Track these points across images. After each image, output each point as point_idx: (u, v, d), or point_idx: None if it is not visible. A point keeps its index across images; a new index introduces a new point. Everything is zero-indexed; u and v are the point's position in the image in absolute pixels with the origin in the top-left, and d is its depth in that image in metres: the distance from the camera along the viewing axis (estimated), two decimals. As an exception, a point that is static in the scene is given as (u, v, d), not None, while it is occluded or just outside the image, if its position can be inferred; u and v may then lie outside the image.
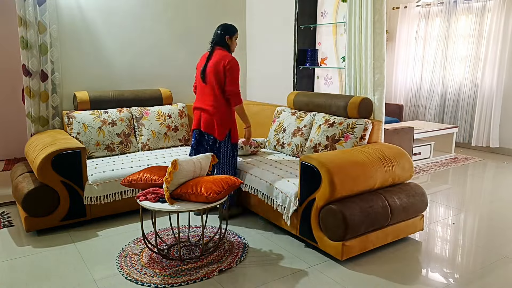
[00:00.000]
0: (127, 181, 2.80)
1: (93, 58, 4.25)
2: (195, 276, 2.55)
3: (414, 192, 3.01)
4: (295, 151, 3.70)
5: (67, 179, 3.17)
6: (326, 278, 2.56)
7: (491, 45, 5.84)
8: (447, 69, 6.48)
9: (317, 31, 4.78)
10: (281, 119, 3.99)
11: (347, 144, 3.26)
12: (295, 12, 4.60)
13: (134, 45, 4.48)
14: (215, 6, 4.97)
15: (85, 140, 3.80)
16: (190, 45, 4.84)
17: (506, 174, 4.99)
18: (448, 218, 3.61)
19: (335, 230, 2.65)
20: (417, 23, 6.82)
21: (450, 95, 6.47)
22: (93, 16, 4.19)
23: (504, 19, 5.66)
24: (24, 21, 3.68)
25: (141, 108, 4.23)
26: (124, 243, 3.01)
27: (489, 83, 5.89)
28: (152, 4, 4.53)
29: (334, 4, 4.52)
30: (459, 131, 6.29)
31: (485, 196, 4.27)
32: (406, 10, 6.88)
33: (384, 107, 3.42)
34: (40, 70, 3.83)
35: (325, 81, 4.78)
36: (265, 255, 2.86)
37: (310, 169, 2.77)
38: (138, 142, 4.11)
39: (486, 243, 3.11)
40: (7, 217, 3.51)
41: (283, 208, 3.03)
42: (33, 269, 2.67)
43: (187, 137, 4.40)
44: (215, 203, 2.58)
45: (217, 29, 3.38)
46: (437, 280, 2.58)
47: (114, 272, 2.62)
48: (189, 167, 2.61)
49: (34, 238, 3.12)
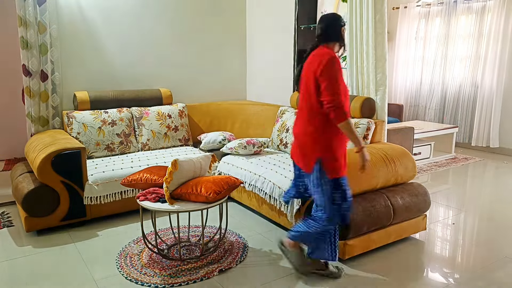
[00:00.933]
0: (127, 181, 2.80)
1: (93, 58, 4.25)
2: (195, 276, 2.55)
3: (417, 191, 3.02)
4: (297, 150, 3.70)
5: (67, 179, 3.17)
6: (327, 277, 2.56)
7: (491, 45, 5.84)
8: (447, 69, 6.48)
9: (317, 31, 4.77)
10: (285, 118, 4.00)
11: (350, 144, 3.25)
12: (295, 12, 4.60)
13: (134, 45, 4.47)
14: (215, 6, 4.97)
15: (85, 140, 3.80)
16: (190, 45, 4.84)
17: (506, 174, 4.99)
18: (448, 218, 3.61)
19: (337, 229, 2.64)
20: (417, 23, 6.82)
21: (450, 95, 6.47)
22: (93, 16, 4.19)
23: (504, 19, 5.66)
24: (24, 21, 3.68)
25: (141, 108, 4.23)
26: (124, 243, 3.01)
27: (489, 83, 5.89)
28: (152, 4, 4.53)
29: (334, 4, 4.52)
30: (459, 131, 6.29)
31: (485, 196, 4.27)
32: (406, 10, 6.88)
33: (386, 107, 3.43)
34: (40, 70, 3.83)
35: (325, 81, 4.77)
36: (265, 255, 2.86)
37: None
38: (138, 142, 4.11)
39: (486, 243, 3.11)
40: (7, 217, 3.51)
41: (286, 207, 3.03)
42: (33, 269, 2.67)
43: (187, 137, 4.40)
44: (215, 203, 2.58)
45: (321, 23, 2.48)
46: (437, 280, 2.58)
47: (114, 272, 2.62)
48: (189, 167, 2.61)
49: (34, 238, 3.12)
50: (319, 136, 2.36)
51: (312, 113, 2.38)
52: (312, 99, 2.36)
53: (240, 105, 4.83)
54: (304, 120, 2.43)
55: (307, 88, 2.39)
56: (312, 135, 2.37)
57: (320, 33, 2.46)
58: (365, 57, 3.47)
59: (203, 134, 4.38)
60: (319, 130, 2.35)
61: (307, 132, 2.39)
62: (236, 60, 5.27)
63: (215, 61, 5.08)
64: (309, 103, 2.38)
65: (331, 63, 2.28)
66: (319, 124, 2.35)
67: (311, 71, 2.35)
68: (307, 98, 2.40)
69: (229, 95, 5.23)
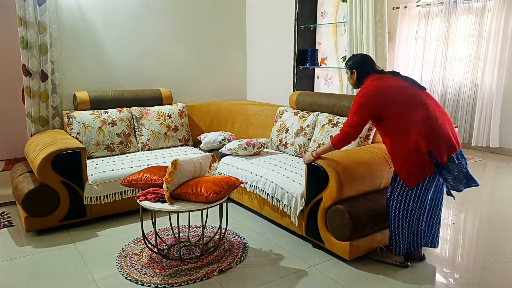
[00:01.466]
0: (127, 181, 2.80)
1: (93, 58, 4.25)
2: (195, 276, 2.55)
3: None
4: (298, 151, 3.70)
5: (67, 179, 3.17)
6: (329, 277, 2.56)
7: (491, 45, 5.83)
8: (447, 69, 6.48)
9: (317, 31, 4.78)
10: (284, 119, 3.99)
11: (352, 144, 3.26)
12: (295, 12, 4.61)
13: (134, 45, 4.48)
14: (215, 6, 4.97)
15: (85, 140, 3.80)
16: (190, 45, 4.84)
17: (506, 174, 4.99)
18: (448, 218, 3.61)
19: (342, 230, 2.65)
20: (417, 23, 6.81)
21: (450, 95, 6.47)
22: (93, 16, 4.19)
23: (504, 19, 5.66)
24: (24, 21, 3.68)
25: (141, 108, 4.23)
26: (124, 243, 3.01)
27: (489, 83, 5.89)
28: (152, 4, 4.53)
29: (334, 4, 4.52)
30: (459, 131, 6.29)
31: (485, 196, 4.27)
32: (406, 10, 6.87)
33: None
34: (40, 70, 3.83)
35: (325, 81, 4.78)
36: (265, 255, 2.86)
37: (317, 169, 2.77)
38: (138, 142, 4.11)
39: (486, 243, 3.11)
40: (7, 217, 3.51)
41: (289, 208, 3.03)
42: (33, 269, 2.67)
43: (187, 137, 4.40)
44: (215, 203, 2.58)
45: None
46: (437, 280, 2.58)
47: (114, 272, 2.62)
48: (189, 167, 2.61)
49: (34, 238, 3.12)
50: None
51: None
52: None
53: (240, 105, 4.83)
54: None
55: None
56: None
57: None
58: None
59: (203, 134, 4.38)
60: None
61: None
62: (236, 60, 5.27)
63: (215, 61, 5.08)
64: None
65: None
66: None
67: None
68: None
69: (229, 95, 5.23)
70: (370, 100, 2.52)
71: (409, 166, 2.47)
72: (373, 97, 2.52)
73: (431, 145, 2.42)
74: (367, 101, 2.52)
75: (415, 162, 2.45)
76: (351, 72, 2.70)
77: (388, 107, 2.49)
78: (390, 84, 2.54)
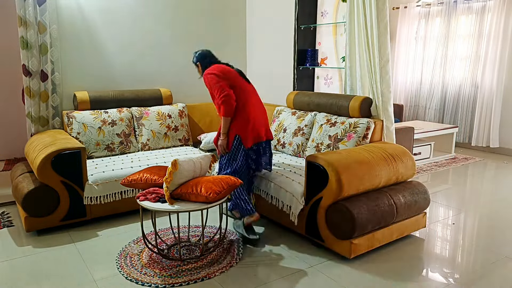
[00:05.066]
0: (127, 181, 2.80)
1: (93, 58, 4.25)
2: (195, 276, 2.55)
3: (417, 190, 3.05)
4: (296, 150, 3.70)
5: (67, 179, 3.17)
6: (329, 277, 2.56)
7: (491, 45, 5.84)
8: (447, 69, 6.48)
9: (317, 31, 4.78)
10: (281, 119, 3.99)
11: (350, 144, 3.26)
12: (295, 12, 4.60)
13: (134, 45, 4.48)
14: (215, 6, 4.97)
15: (85, 140, 3.80)
16: (190, 45, 4.83)
17: (506, 174, 4.99)
18: (448, 218, 3.61)
19: (343, 228, 2.66)
20: (417, 23, 6.82)
21: (450, 95, 6.47)
22: (93, 16, 4.19)
23: (504, 19, 5.66)
24: (24, 21, 3.67)
25: (141, 108, 4.23)
26: (124, 243, 3.01)
27: (489, 83, 5.89)
28: (152, 4, 4.53)
29: (334, 4, 4.52)
30: (459, 131, 6.29)
31: (485, 196, 4.27)
32: (406, 10, 6.88)
33: (392, 106, 3.43)
34: (40, 70, 3.83)
35: (325, 81, 4.78)
36: (265, 255, 2.86)
37: (317, 168, 2.78)
38: (138, 142, 4.11)
39: (486, 243, 3.11)
40: (7, 217, 3.51)
41: (289, 207, 3.03)
42: (33, 269, 2.67)
43: (187, 137, 4.40)
44: (215, 203, 2.58)
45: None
46: (437, 280, 2.58)
47: (114, 272, 2.62)
48: (189, 167, 2.61)
49: (34, 238, 3.12)
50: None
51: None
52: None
53: (240, 105, 4.82)
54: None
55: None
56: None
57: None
58: (367, 57, 3.47)
59: (203, 134, 4.38)
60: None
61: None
62: (236, 60, 5.26)
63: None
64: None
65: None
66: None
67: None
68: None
69: (229, 95, 5.22)
70: (218, 74, 3.02)
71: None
72: (218, 73, 3.03)
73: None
74: (218, 75, 3.01)
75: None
76: (195, 65, 3.28)
77: (230, 80, 3.04)
78: (227, 68, 3.13)
